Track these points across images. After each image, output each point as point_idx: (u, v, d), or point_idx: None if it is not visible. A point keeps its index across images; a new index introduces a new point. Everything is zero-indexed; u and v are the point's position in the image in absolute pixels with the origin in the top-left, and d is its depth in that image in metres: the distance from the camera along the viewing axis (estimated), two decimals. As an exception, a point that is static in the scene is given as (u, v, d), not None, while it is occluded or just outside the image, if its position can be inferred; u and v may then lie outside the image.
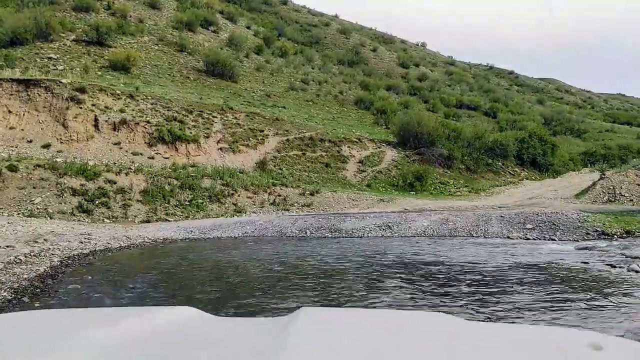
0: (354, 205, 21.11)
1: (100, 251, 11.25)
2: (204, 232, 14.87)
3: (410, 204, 21.63)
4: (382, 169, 29.41)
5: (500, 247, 13.09)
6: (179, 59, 38.37)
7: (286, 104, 36.59)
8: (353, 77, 49.69)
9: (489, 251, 12.41)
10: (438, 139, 32.03)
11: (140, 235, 13.65)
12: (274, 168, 25.93)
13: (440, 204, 22.44)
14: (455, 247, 12.91)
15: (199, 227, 15.32)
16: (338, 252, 12.15)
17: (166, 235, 14.12)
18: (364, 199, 22.05)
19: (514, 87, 66.83)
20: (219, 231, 15.02)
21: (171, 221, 17.62)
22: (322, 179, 26.59)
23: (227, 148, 26.03)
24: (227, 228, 15.40)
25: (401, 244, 13.46)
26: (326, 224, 15.91)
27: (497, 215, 17.39)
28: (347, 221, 16.17)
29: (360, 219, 16.45)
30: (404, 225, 16.00)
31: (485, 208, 21.25)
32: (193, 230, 14.90)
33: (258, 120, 30.05)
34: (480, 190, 28.75)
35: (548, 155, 34.83)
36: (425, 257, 11.53)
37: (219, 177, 20.98)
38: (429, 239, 14.67)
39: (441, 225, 16.41)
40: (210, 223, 16.08)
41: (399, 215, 17.51)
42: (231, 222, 16.24)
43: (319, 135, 30.40)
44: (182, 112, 27.07)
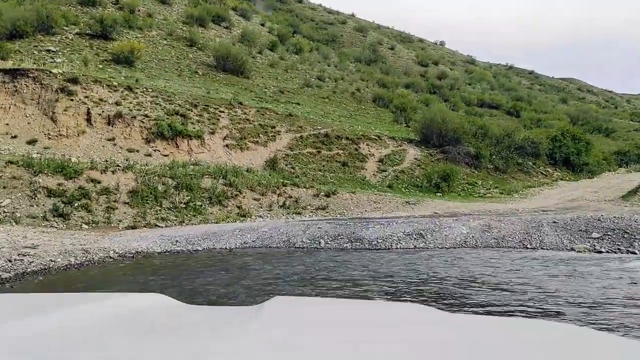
0: (376, 208, 17.84)
1: (32, 273, 8.16)
2: (193, 242, 11.74)
3: (440, 206, 18.31)
4: (404, 169, 26.10)
5: (571, 264, 9.77)
6: (188, 54, 35.36)
7: (301, 101, 33.41)
8: (370, 75, 46.40)
9: (560, 271, 9.10)
10: (464, 137, 28.64)
11: (106, 248, 10.54)
12: (286, 167, 22.76)
13: (473, 206, 19.11)
14: (511, 264, 9.62)
15: (188, 236, 12.18)
16: (361, 271, 8.94)
17: (142, 247, 11.01)
18: (386, 201, 18.77)
19: (536, 86, 63.08)
20: (212, 241, 11.88)
21: (162, 227, 14.51)
22: (339, 179, 23.37)
23: (234, 145, 22.90)
24: (223, 237, 12.24)
25: (440, 259, 10.21)
26: (345, 231, 12.67)
27: (549, 221, 14.03)
28: (369, 228, 12.92)
29: (386, 226, 13.18)
30: (440, 234, 12.71)
31: (526, 212, 17.89)
32: (179, 240, 11.78)
33: (269, 116, 26.91)
34: (512, 191, 25.31)
35: (582, 155, 31.24)
36: (480, 282, 8.23)
37: (222, 176, 17.85)
38: (472, 251, 11.41)
39: (483, 232, 13.11)
40: (204, 230, 12.92)
41: (430, 220, 14.22)
42: (229, 229, 13.05)
43: (336, 132, 27.17)
44: (185, 106, 24.01)
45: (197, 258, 10.37)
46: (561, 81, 73.92)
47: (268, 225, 13.62)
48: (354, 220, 14.67)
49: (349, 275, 8.62)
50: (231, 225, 13.89)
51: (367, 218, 15.28)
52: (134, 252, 10.65)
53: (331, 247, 11.62)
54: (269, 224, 13.90)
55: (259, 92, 32.53)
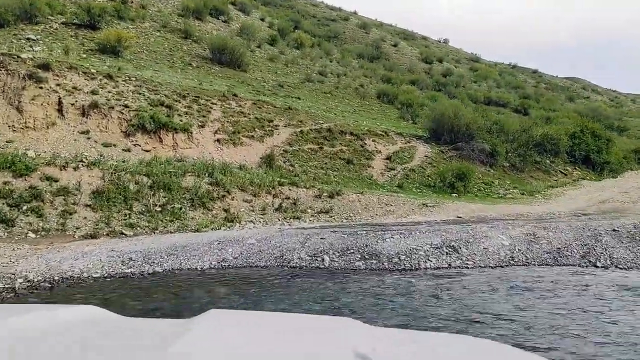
0: (388, 211, 14.72)
1: None
2: (152, 260, 8.66)
3: (463, 209, 15.23)
4: (414, 167, 22.98)
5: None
6: (182, 46, 32.25)
7: (301, 95, 30.28)
8: (374, 71, 43.27)
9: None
10: (478, 132, 25.52)
11: (17, 273, 7.40)
12: (284, 164, 19.65)
13: (500, 209, 16.02)
14: (602, 297, 6.53)
15: (149, 251, 9.08)
16: (387, 314, 5.85)
17: (75, 270, 7.95)
18: (400, 203, 15.64)
19: (541, 85, 59.85)
20: (180, 258, 8.82)
21: (129, 236, 11.40)
22: (343, 177, 20.27)
23: (227, 140, 19.79)
24: (196, 251, 9.17)
25: (494, 287, 7.10)
26: (355, 243, 9.59)
27: (606, 229, 10.95)
28: (387, 239, 9.82)
29: (407, 236, 10.08)
30: (477, 246, 9.64)
31: (564, 216, 14.78)
32: (134, 258, 8.69)
33: (267, 109, 23.80)
34: (534, 192, 22.17)
35: (603, 153, 28.11)
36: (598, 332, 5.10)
37: (207, 174, 14.74)
38: (527, 272, 8.36)
39: (530, 244, 10.03)
40: (174, 242, 9.82)
41: (459, 228, 11.12)
42: (207, 241, 9.95)
43: (339, 127, 24.07)
44: (172, 97, 20.91)
45: (147, 288, 7.29)
46: (565, 80, 70.71)
47: (258, 235, 10.50)
48: (364, 227, 11.56)
49: (369, 316, 5.51)
50: (212, 235, 10.74)
51: (380, 224, 12.17)
52: (59, 278, 7.58)
53: (338, 267, 8.54)
54: (260, 233, 10.78)
55: (257, 86, 29.41)
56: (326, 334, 1.60)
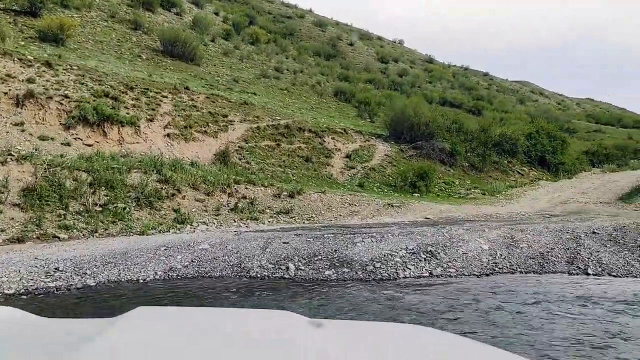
0: (353, 212, 13.62)
1: None
2: (85, 270, 7.27)
3: (430, 210, 14.29)
4: (374, 166, 22.03)
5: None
6: (131, 37, 30.34)
7: (257, 91, 28.91)
8: (331, 69, 42.25)
9: None
10: (437, 131, 24.82)
11: None
12: (239, 161, 18.32)
13: (466, 210, 15.18)
14: (609, 316, 5.59)
15: (82, 259, 7.66)
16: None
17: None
18: (364, 203, 14.56)
19: (493, 87, 60.27)
20: (119, 267, 7.45)
21: (63, 239, 9.88)
22: (302, 176, 19.11)
23: (178, 135, 18.29)
24: (139, 259, 7.81)
25: (493, 302, 6.05)
26: (323, 248, 8.41)
27: (585, 231, 10.19)
28: (357, 243, 8.68)
29: (378, 238, 8.97)
30: (454, 251, 8.65)
31: (534, 216, 14.06)
32: (62, 268, 7.25)
33: (221, 104, 22.38)
34: (495, 191, 21.58)
35: (558, 153, 27.93)
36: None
37: (155, 170, 13.28)
38: (515, 280, 7.41)
39: (510, 248, 9.14)
40: (113, 248, 8.41)
41: (432, 230, 10.11)
42: (153, 245, 8.58)
43: (297, 124, 22.88)
44: (118, 88, 19.23)
45: (72, 306, 5.91)
46: (514, 83, 71.73)
47: (212, 239, 9.17)
48: (330, 229, 10.39)
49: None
50: (159, 239, 9.35)
51: (346, 226, 11.04)
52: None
53: (305, 276, 7.34)
54: (214, 237, 9.45)
55: (211, 80, 27.88)
56: (260, 327, 1.55)
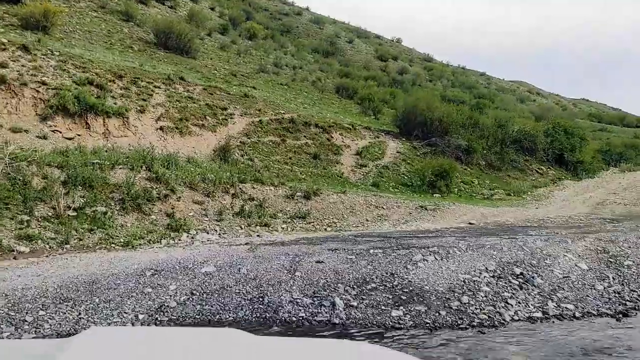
0: (381, 216, 11.22)
1: None
2: (25, 313, 4.83)
3: (470, 213, 11.94)
4: (387, 164, 19.65)
5: None
6: (122, 28, 27.78)
7: (256, 85, 26.43)
8: (330, 66, 39.83)
9: None
10: (452, 128, 22.48)
11: None
12: (241, 158, 15.88)
13: (510, 213, 12.82)
14: None
15: (23, 296, 5.18)
16: None
17: None
18: (392, 205, 12.15)
19: (492, 86, 58.11)
20: (80, 307, 5.01)
21: (24, 253, 7.40)
22: (310, 174, 16.71)
23: (172, 128, 15.82)
24: (113, 292, 5.36)
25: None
26: (373, 271, 5.98)
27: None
28: (417, 262, 6.22)
29: (443, 255, 6.53)
30: (550, 273, 6.30)
31: (592, 220, 11.72)
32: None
33: (219, 96, 19.93)
34: (520, 192, 19.25)
35: (576, 152, 25.67)
36: None
37: (144, 166, 10.80)
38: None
39: (618, 269, 6.75)
40: (77, 273, 5.91)
41: (504, 242, 7.68)
42: (134, 269, 6.04)
43: (302, 118, 20.46)
44: (105, 76, 16.72)
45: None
46: (512, 83, 69.64)
47: (217, 256, 6.70)
48: (366, 239, 7.93)
49: None
50: (143, 259, 6.79)
51: (383, 235, 8.60)
52: None
53: (363, 320, 4.84)
54: (220, 253, 6.98)
55: (207, 74, 25.36)
56: (209, 346, 1.54)
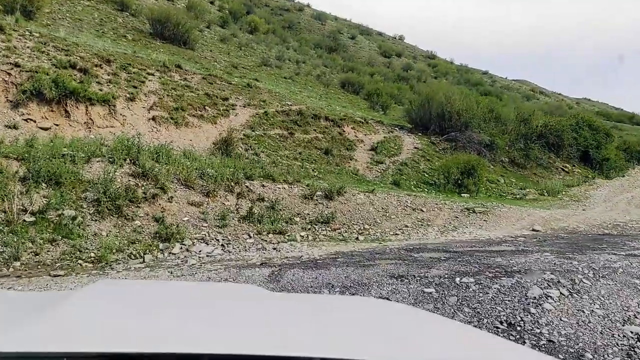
0: (422, 221, 8.95)
1: None
2: None
3: (528, 217, 9.67)
4: (405, 160, 17.42)
5: None
6: (116, 18, 25.49)
7: (259, 78, 24.16)
8: (334, 61, 37.59)
9: None
10: (473, 121, 20.25)
11: None
12: (246, 152, 13.61)
13: (573, 218, 10.55)
14: None
15: None
16: None
17: None
18: (432, 207, 9.85)
19: (497, 83, 55.97)
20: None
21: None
22: (322, 171, 14.45)
23: (166, 118, 13.53)
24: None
25: None
26: (474, 316, 3.70)
27: None
28: (541, 302, 3.94)
29: (570, 288, 4.23)
30: None
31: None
32: None
33: (220, 86, 17.67)
34: (554, 192, 17.01)
35: (602, 148, 23.46)
36: None
37: (128, 159, 8.50)
38: None
39: None
40: None
41: (612, 260, 5.42)
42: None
43: (311, 110, 18.20)
44: (91, 60, 14.44)
45: None
46: (514, 82, 67.51)
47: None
48: (424, 253, 5.65)
49: None
50: None
51: (444, 248, 6.33)
52: None
53: None
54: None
55: (207, 65, 23.06)
56: (224, 299, 1.54)
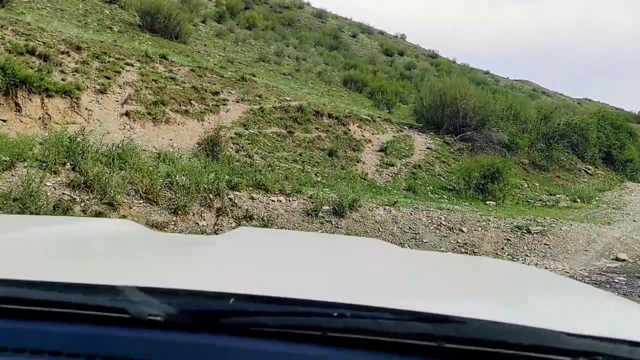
0: (465, 246, 6.58)
1: None
2: None
3: (600, 238, 7.31)
4: (418, 162, 15.10)
5: None
6: (102, 9, 23.14)
7: (257, 73, 21.79)
8: (335, 59, 35.27)
9: None
10: (491, 119, 17.93)
11: None
12: (237, 154, 11.28)
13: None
14: None
15: None
16: None
17: None
18: (472, 225, 7.24)
19: (501, 82, 53.66)
20: None
21: None
22: (327, 175, 12.14)
23: (142, 114, 11.17)
24: None
25: None
26: None
27: None
28: None
29: None
30: None
31: None
32: None
33: (210, 79, 15.33)
34: (587, 197, 14.67)
35: (626, 148, 21.15)
36: None
37: (66, 164, 6.15)
38: None
39: None
40: None
41: None
42: None
43: (313, 107, 15.87)
44: (57, 46, 12.09)
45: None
46: (516, 82, 65.21)
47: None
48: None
49: None
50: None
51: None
52: None
53: None
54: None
55: (199, 59, 20.65)
56: (357, 250, 1.61)
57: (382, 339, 0.81)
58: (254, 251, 1.38)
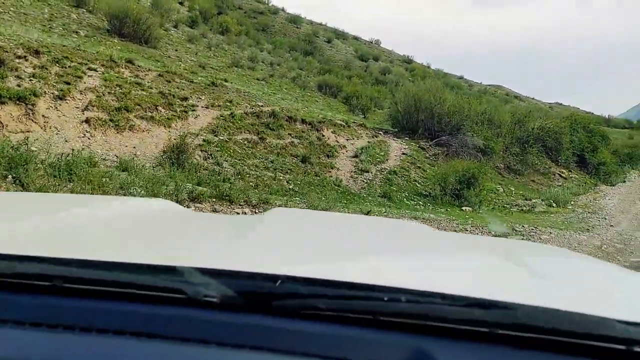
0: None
1: None
2: None
3: (582, 247, 6.96)
4: (394, 168, 14.76)
5: None
6: (69, 14, 22.33)
7: (229, 79, 21.22)
8: (310, 64, 34.90)
9: None
10: (465, 124, 17.71)
11: None
12: (204, 162, 10.74)
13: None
14: None
15: None
16: None
17: None
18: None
19: (474, 87, 53.99)
20: None
21: None
22: (299, 183, 11.68)
23: (104, 120, 10.55)
24: None
25: None
26: None
27: None
28: None
29: None
30: None
31: None
32: None
33: (179, 84, 14.74)
34: (562, 202, 14.49)
35: (598, 152, 21.18)
36: None
37: (8, 177, 5.58)
38: None
39: None
40: None
41: None
42: None
43: (286, 112, 15.41)
44: (13, 51, 11.40)
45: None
46: (489, 87, 65.80)
47: None
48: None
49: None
50: None
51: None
52: None
53: None
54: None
55: (170, 64, 20.02)
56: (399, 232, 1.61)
57: (434, 323, 0.80)
58: (297, 232, 1.40)
